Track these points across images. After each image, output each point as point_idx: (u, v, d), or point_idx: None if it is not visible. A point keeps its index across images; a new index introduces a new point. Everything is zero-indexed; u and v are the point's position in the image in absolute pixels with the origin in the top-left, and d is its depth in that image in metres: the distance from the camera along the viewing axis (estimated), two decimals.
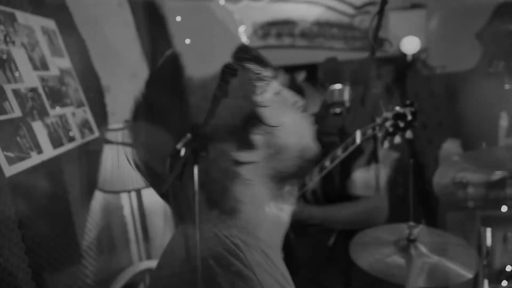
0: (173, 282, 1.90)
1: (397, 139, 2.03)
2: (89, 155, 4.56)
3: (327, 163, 2.38)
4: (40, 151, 3.67)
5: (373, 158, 2.89)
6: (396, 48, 4.88)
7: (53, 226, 3.89)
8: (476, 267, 2.73)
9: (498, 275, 4.23)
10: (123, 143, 4.44)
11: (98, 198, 4.84)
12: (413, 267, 2.70)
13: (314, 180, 2.46)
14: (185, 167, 2.01)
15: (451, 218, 4.56)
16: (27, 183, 3.51)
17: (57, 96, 4.11)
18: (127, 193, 5.13)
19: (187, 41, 4.42)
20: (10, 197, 3.28)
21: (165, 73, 2.09)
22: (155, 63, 5.08)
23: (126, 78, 5.07)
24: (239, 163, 1.91)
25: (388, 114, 2.02)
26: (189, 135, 2.18)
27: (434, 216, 4.75)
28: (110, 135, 4.64)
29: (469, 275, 2.78)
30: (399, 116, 2.00)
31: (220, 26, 5.05)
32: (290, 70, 2.61)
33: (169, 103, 2.05)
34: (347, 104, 3.38)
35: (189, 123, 1.97)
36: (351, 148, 2.24)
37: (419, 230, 2.78)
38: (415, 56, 5.29)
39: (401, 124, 1.99)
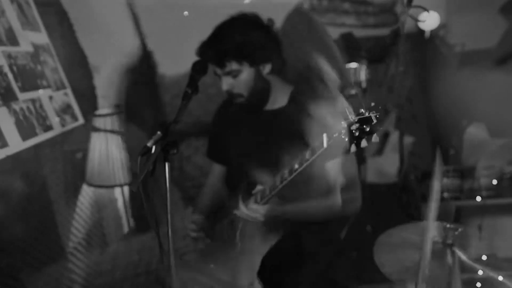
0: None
1: (364, 143, 2.05)
2: (72, 145, 4.10)
3: (296, 165, 2.40)
4: (4, 144, 3.10)
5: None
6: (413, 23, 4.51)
7: (31, 226, 3.62)
8: None
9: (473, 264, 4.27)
10: (113, 131, 3.99)
11: (87, 192, 4.29)
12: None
13: (284, 183, 2.48)
14: (156, 165, 2.04)
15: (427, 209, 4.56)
16: None
17: (29, 77, 3.46)
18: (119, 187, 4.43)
19: (185, 13, 4.25)
20: None
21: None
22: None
23: (118, 58, 4.61)
24: None
25: (354, 118, 2.03)
26: (159, 133, 2.20)
27: (414, 208, 4.77)
28: (98, 122, 4.02)
29: None
30: (364, 121, 2.02)
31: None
32: (256, 63, 2.61)
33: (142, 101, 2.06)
34: (364, 84, 3.33)
35: (161, 121, 2.00)
36: (319, 152, 2.26)
37: (459, 232, 2.51)
38: (433, 33, 4.99)
39: (367, 129, 2.01)
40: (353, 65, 3.64)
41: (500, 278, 4.19)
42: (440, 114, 4.85)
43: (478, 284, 4.25)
